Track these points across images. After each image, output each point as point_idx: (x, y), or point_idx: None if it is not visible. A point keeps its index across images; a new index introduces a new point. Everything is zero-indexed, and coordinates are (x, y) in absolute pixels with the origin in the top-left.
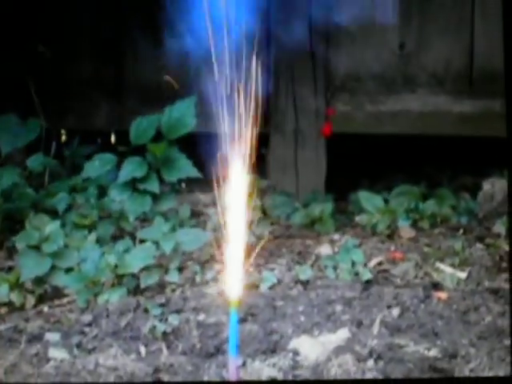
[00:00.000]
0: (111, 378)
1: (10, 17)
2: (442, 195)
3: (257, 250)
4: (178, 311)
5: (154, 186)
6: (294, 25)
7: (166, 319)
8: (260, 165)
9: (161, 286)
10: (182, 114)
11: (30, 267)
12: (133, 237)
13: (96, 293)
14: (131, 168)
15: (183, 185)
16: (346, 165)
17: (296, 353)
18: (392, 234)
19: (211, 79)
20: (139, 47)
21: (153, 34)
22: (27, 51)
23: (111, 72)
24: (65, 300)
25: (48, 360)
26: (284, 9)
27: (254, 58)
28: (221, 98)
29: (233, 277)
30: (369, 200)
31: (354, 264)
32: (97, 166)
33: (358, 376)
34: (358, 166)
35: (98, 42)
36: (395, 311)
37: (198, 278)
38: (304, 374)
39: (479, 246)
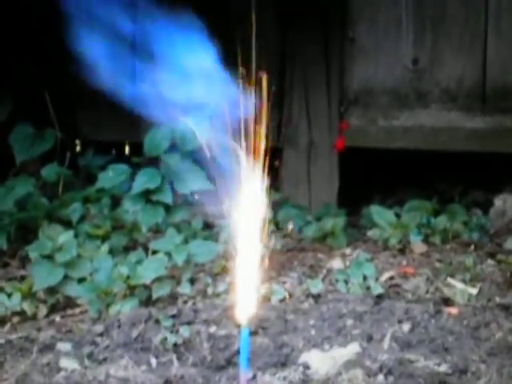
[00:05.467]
0: None
1: (24, 29)
2: (454, 211)
3: (268, 263)
4: (189, 323)
5: (167, 197)
6: (308, 38)
7: (177, 331)
8: (273, 178)
9: (172, 298)
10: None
11: (42, 277)
12: (145, 248)
13: (108, 303)
14: (145, 179)
15: (196, 197)
16: (358, 179)
17: (306, 367)
18: (404, 249)
19: (224, 93)
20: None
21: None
22: (43, 62)
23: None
24: (77, 310)
25: (59, 370)
26: (301, 23)
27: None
28: (234, 112)
29: (244, 290)
30: (381, 214)
31: (365, 278)
32: (111, 177)
33: None
34: (371, 180)
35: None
36: (406, 326)
37: (209, 290)
38: None
39: (490, 262)
